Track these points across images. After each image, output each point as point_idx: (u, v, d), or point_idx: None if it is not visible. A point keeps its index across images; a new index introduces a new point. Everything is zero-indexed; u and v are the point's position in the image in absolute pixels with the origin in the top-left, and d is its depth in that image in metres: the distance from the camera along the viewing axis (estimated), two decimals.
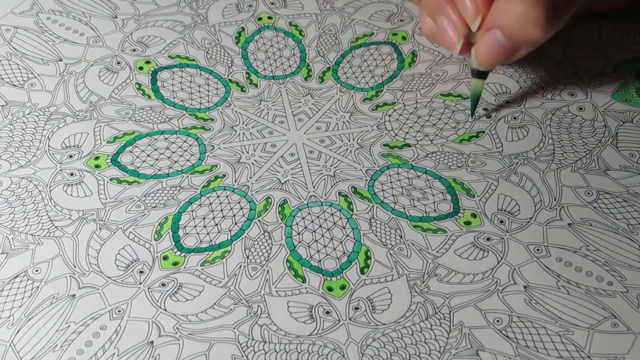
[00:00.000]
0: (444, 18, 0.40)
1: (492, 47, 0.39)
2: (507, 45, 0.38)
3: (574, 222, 0.39)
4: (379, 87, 0.45)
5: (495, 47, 0.39)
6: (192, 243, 0.39)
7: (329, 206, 0.40)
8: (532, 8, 0.36)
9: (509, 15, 0.37)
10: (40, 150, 0.42)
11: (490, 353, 0.34)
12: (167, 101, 0.45)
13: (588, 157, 0.41)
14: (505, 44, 0.38)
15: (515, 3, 0.36)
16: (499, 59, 0.39)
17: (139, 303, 0.36)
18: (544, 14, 0.36)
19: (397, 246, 0.38)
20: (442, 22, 0.40)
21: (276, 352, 0.35)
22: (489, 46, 0.39)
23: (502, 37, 0.38)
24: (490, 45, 0.39)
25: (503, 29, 0.38)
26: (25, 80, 0.46)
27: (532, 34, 0.37)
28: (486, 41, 0.39)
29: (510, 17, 0.37)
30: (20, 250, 0.38)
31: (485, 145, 0.42)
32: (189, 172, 0.42)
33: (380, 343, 0.35)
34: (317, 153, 0.42)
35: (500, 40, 0.38)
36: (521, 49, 0.39)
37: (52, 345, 0.35)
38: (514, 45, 0.39)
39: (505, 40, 0.38)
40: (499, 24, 0.38)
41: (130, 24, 0.49)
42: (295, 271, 0.37)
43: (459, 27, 0.40)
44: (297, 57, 0.47)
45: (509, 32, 0.38)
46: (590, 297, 0.36)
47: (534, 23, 0.36)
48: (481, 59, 0.40)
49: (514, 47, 0.39)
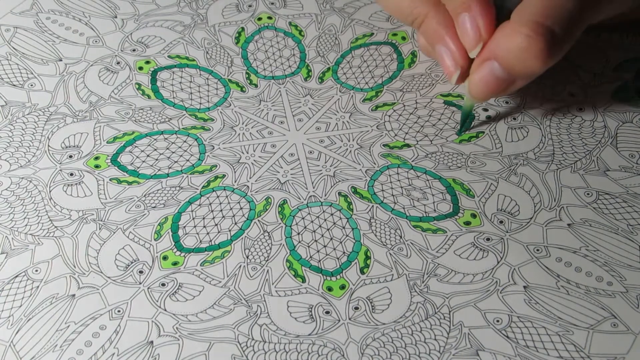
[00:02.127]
0: (441, 47, 0.39)
1: (487, 79, 0.38)
2: (504, 78, 0.38)
3: (573, 223, 0.39)
4: (379, 87, 0.45)
5: (490, 79, 0.38)
6: (192, 243, 0.39)
7: (328, 206, 0.40)
8: (532, 40, 0.35)
9: (508, 46, 0.36)
10: (40, 151, 0.42)
11: (490, 353, 0.34)
12: (167, 101, 0.45)
13: (588, 158, 0.41)
14: (501, 76, 0.38)
15: (516, 34, 0.36)
16: (494, 91, 0.38)
17: (139, 303, 0.36)
18: (544, 46, 0.35)
19: (397, 246, 0.38)
20: (440, 50, 0.40)
21: (276, 352, 0.35)
22: (484, 78, 0.38)
23: (498, 68, 0.37)
24: (485, 76, 0.38)
25: (500, 60, 0.37)
26: (25, 80, 0.46)
27: (531, 66, 0.36)
28: (481, 72, 0.38)
29: (510, 49, 0.36)
30: (20, 250, 0.38)
31: (485, 145, 0.42)
32: (189, 172, 0.42)
33: (380, 343, 0.35)
34: (317, 153, 0.42)
35: (496, 72, 0.37)
36: (517, 81, 0.38)
37: (51, 345, 0.35)
38: (511, 78, 0.38)
39: (501, 72, 0.37)
40: (497, 55, 0.37)
41: (130, 23, 0.49)
42: (295, 271, 0.37)
43: (456, 57, 0.39)
44: (297, 58, 0.47)
45: (506, 63, 0.37)
46: (590, 297, 0.36)
47: (533, 55, 0.36)
48: (475, 91, 0.39)
49: (510, 79, 0.38)
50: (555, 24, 0.36)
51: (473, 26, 0.37)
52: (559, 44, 0.36)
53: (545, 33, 0.35)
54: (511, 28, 0.36)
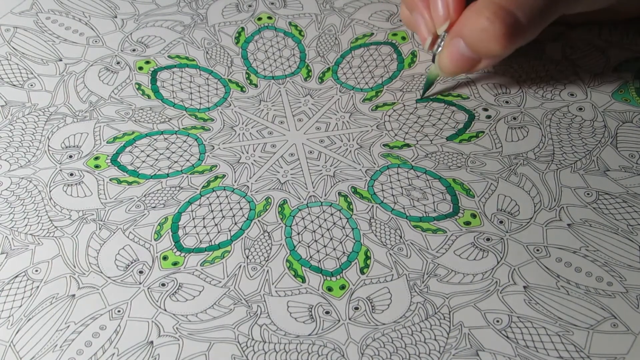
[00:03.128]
0: (418, 15, 0.42)
1: (454, 56, 0.40)
2: (469, 56, 0.40)
3: (573, 223, 0.39)
4: (379, 87, 0.45)
5: (457, 56, 0.40)
6: (192, 243, 0.39)
7: (328, 206, 0.40)
8: (493, 24, 0.37)
9: (471, 27, 0.38)
10: (40, 151, 0.42)
11: (490, 353, 0.34)
12: (167, 101, 0.45)
13: (588, 158, 0.41)
14: (467, 54, 0.40)
15: (479, 16, 0.37)
16: (461, 67, 0.40)
17: (139, 303, 0.36)
18: (505, 30, 0.37)
19: (397, 246, 0.38)
20: (416, 17, 0.42)
21: (276, 352, 0.35)
22: (451, 54, 0.40)
23: (464, 47, 0.39)
24: (452, 53, 0.40)
25: (465, 39, 0.39)
26: (25, 80, 0.46)
27: (492, 48, 0.38)
28: (449, 49, 0.40)
29: (473, 29, 0.38)
30: (20, 250, 0.38)
31: (485, 145, 0.42)
32: (189, 172, 0.42)
33: (380, 343, 0.35)
34: (317, 153, 0.42)
35: (462, 50, 0.39)
36: (482, 61, 0.40)
37: (51, 345, 0.35)
38: (475, 56, 0.40)
39: (467, 51, 0.39)
40: (462, 33, 0.39)
41: (130, 23, 0.49)
42: (295, 271, 0.37)
43: (429, 25, 0.41)
44: (296, 58, 0.47)
45: (470, 43, 0.39)
46: (590, 298, 0.36)
47: (494, 38, 0.37)
48: (444, 66, 0.41)
49: (475, 57, 0.40)
50: (519, 9, 0.37)
51: (443, 4, 0.40)
52: (521, 29, 0.37)
53: (506, 17, 0.37)
54: (476, 9, 0.38)
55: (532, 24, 0.37)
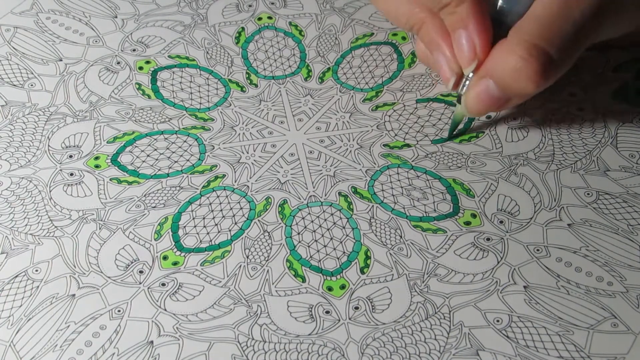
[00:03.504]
0: (439, 54, 0.39)
1: (482, 96, 0.38)
2: (498, 96, 0.38)
3: (573, 223, 0.39)
4: (379, 87, 0.45)
5: (486, 96, 0.38)
6: (192, 243, 0.39)
7: (328, 206, 0.40)
8: (528, 62, 0.35)
9: (503, 66, 0.36)
10: (40, 150, 0.42)
11: (490, 353, 0.34)
12: (167, 101, 0.45)
13: (588, 158, 0.41)
14: (496, 94, 0.37)
15: (511, 54, 0.35)
16: (490, 107, 0.38)
17: (139, 303, 0.36)
18: (538, 69, 0.35)
19: (397, 246, 0.38)
20: (437, 56, 0.39)
21: (276, 351, 0.35)
22: (479, 95, 0.38)
23: (494, 86, 0.37)
24: (481, 94, 0.38)
25: (495, 78, 0.37)
26: (25, 80, 0.46)
27: (525, 87, 0.36)
28: (477, 90, 0.38)
29: (505, 69, 0.36)
30: (20, 250, 0.38)
31: (485, 145, 0.42)
32: (189, 172, 0.42)
33: (380, 343, 0.35)
34: (317, 153, 0.42)
35: (491, 90, 0.37)
36: (512, 99, 0.38)
37: (52, 345, 0.35)
38: (506, 96, 0.38)
39: (496, 91, 0.37)
40: (492, 73, 0.37)
41: (130, 23, 0.49)
42: (295, 271, 0.37)
43: (452, 65, 0.39)
44: (297, 58, 0.47)
45: (502, 83, 0.37)
46: (590, 297, 0.36)
47: (527, 77, 0.35)
48: (471, 107, 0.39)
49: (505, 97, 0.38)
50: (552, 46, 0.35)
51: (469, 44, 0.37)
52: (555, 66, 0.35)
53: (540, 55, 0.35)
54: (507, 47, 0.36)
55: (565, 59, 0.36)
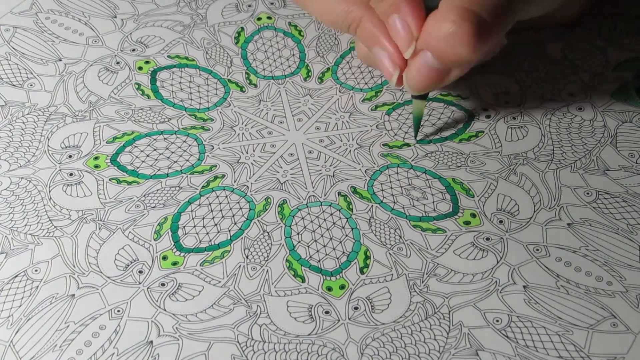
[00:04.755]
0: (380, 49, 0.39)
1: (422, 70, 0.37)
2: (438, 67, 0.37)
3: (573, 222, 0.39)
4: (378, 87, 0.45)
5: (425, 69, 0.37)
6: (192, 243, 0.39)
7: (328, 206, 0.40)
8: (460, 26, 0.35)
9: (437, 34, 0.36)
10: (40, 150, 0.42)
11: (490, 353, 0.34)
12: (167, 101, 0.45)
13: (587, 157, 0.41)
14: (435, 66, 0.37)
15: (443, 21, 0.35)
16: (430, 82, 0.38)
17: (139, 303, 0.36)
18: (472, 31, 0.35)
19: (397, 246, 0.38)
20: (377, 52, 0.39)
21: (275, 351, 0.35)
22: (419, 69, 0.37)
23: (431, 58, 0.37)
24: (420, 67, 0.37)
25: (432, 49, 0.36)
26: (25, 80, 0.46)
27: (461, 52, 0.35)
28: (416, 63, 0.37)
29: (439, 36, 0.35)
30: (20, 250, 0.38)
31: (485, 145, 0.42)
32: (189, 172, 0.42)
33: (380, 343, 0.35)
34: (317, 153, 0.42)
35: (430, 62, 0.37)
36: (452, 71, 0.38)
37: (51, 345, 0.35)
38: (445, 67, 0.37)
39: (434, 62, 0.37)
40: (428, 44, 0.36)
41: (129, 23, 0.49)
42: (295, 271, 0.37)
43: (394, 58, 0.38)
44: (296, 58, 0.47)
45: (438, 51, 0.36)
46: (590, 297, 0.36)
47: (461, 41, 0.35)
48: (412, 83, 0.38)
49: (444, 68, 0.37)
50: (484, 9, 0.35)
51: (404, 26, 0.37)
52: (488, 30, 0.35)
53: (472, 18, 0.35)
54: (439, 16, 0.36)
55: (497, 23, 0.36)
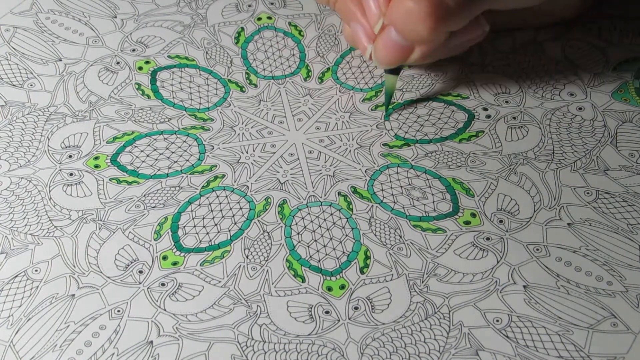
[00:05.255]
0: (356, 24, 0.40)
1: (387, 45, 0.39)
2: (401, 43, 0.39)
3: (573, 222, 0.39)
4: (379, 87, 0.45)
5: (390, 44, 0.39)
6: (192, 243, 0.39)
7: (328, 206, 0.40)
8: (418, 4, 0.36)
9: (399, 10, 0.37)
10: (40, 150, 0.42)
11: (490, 353, 0.34)
12: (167, 101, 0.45)
13: (587, 157, 0.41)
14: (399, 42, 0.39)
15: None
16: (395, 57, 0.39)
17: (139, 303, 0.36)
18: (429, 10, 0.36)
19: (397, 246, 0.38)
20: (354, 27, 0.41)
21: (275, 351, 0.35)
22: (384, 43, 0.39)
23: (395, 34, 0.38)
24: (386, 42, 0.39)
25: (394, 24, 0.38)
26: (25, 80, 0.46)
27: (417, 30, 0.37)
28: (382, 38, 0.39)
29: (400, 12, 0.37)
30: (20, 250, 0.38)
31: (485, 144, 0.42)
32: (189, 172, 0.42)
33: (380, 343, 0.35)
34: (317, 153, 0.42)
35: (394, 37, 0.38)
36: (416, 48, 0.39)
37: (51, 345, 0.35)
38: (407, 43, 0.39)
39: (398, 37, 0.38)
40: (392, 20, 0.38)
41: (129, 23, 0.49)
42: (295, 271, 0.37)
43: (369, 33, 0.40)
44: (296, 58, 0.47)
45: (399, 27, 0.38)
46: (590, 297, 0.36)
47: (418, 18, 0.36)
48: (378, 57, 0.40)
49: (407, 44, 0.39)
50: None
51: (375, 2, 0.39)
52: (447, 11, 0.36)
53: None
54: None
55: (459, 6, 0.37)
